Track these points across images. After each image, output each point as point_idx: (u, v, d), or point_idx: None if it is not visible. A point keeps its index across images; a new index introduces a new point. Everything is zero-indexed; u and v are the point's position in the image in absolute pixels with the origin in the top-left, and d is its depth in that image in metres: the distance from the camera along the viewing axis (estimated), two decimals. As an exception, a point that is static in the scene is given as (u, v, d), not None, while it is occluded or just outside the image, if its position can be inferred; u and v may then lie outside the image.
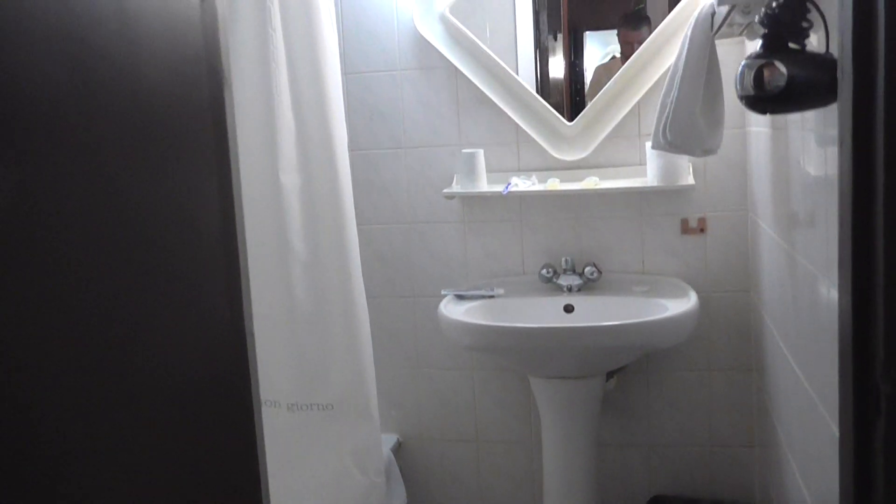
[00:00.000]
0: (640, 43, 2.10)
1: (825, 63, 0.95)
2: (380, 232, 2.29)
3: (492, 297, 2.13)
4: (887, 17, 0.64)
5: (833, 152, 1.17)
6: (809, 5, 0.94)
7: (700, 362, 2.17)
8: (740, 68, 0.98)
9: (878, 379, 0.67)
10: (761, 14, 0.97)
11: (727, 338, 2.14)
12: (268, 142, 1.76)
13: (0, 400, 0.50)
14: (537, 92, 2.18)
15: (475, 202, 2.22)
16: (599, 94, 2.11)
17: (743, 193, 2.06)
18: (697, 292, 1.98)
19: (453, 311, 2.01)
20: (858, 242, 0.69)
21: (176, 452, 0.76)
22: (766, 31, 0.96)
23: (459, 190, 2.15)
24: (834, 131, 1.10)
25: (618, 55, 2.20)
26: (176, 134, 0.72)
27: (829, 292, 1.19)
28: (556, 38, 2.36)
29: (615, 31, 2.23)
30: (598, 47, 2.32)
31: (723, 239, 2.10)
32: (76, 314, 0.58)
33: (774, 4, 0.96)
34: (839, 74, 0.72)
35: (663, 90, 1.66)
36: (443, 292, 2.15)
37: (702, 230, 2.11)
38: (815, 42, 0.98)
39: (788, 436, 1.62)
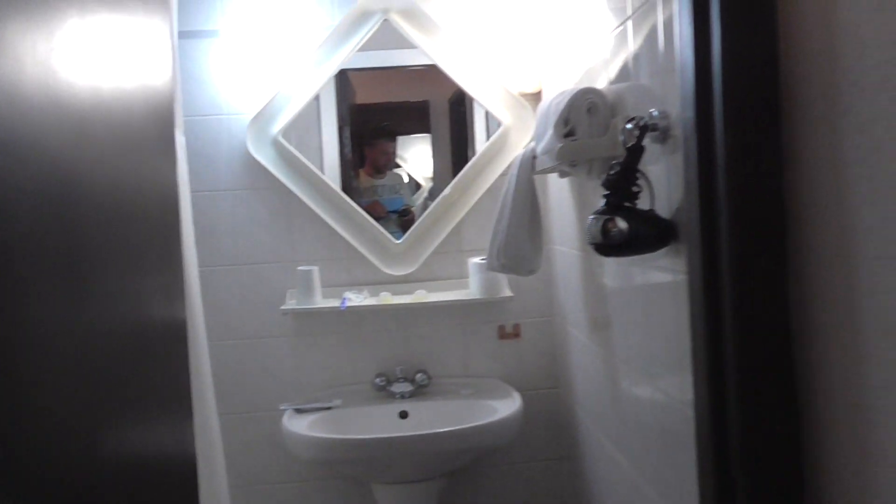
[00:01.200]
0: (393, 153, 2.48)
1: (651, 219, 1.22)
2: (211, 349, 2.27)
3: (329, 408, 2.20)
4: (727, 192, 0.89)
5: (637, 272, 1.46)
6: (639, 174, 1.21)
7: (520, 455, 2.39)
8: (589, 221, 1.22)
9: (735, 473, 0.88)
10: (603, 179, 1.22)
11: (542, 431, 2.39)
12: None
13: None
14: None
15: (309, 316, 2.30)
16: (424, 215, 2.33)
17: (550, 302, 2.36)
18: (515, 391, 2.22)
19: (297, 425, 2.06)
20: (711, 356, 0.92)
21: None
22: (608, 192, 1.21)
23: (296, 306, 2.23)
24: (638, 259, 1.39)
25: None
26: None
27: (653, 389, 1.45)
28: (353, 151, 2.57)
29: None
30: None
31: (535, 342, 2.38)
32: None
33: (613, 172, 1.22)
34: (689, 235, 0.96)
35: (495, 219, 1.90)
36: (281, 406, 2.19)
37: (516, 335, 2.37)
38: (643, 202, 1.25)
39: (612, 516, 1.86)
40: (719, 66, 0.85)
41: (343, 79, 2.43)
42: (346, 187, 2.38)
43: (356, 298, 2.25)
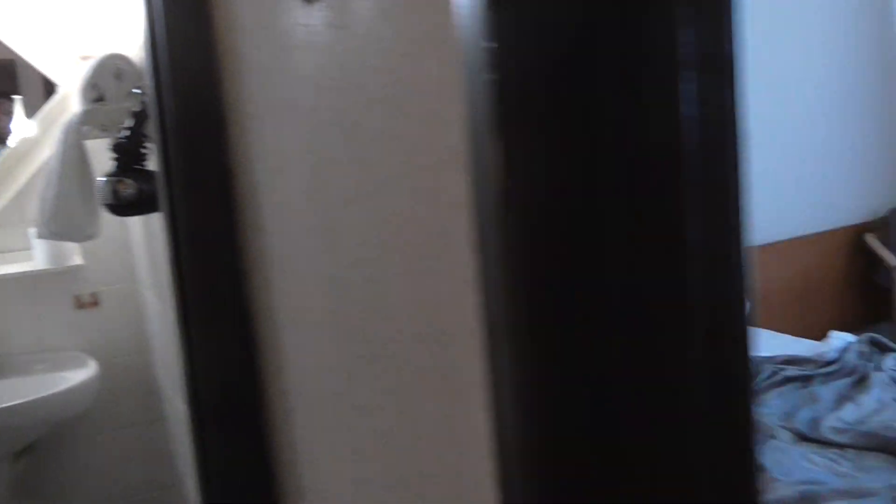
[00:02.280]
0: (8, 114, 2.29)
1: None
2: None
3: None
4: (183, 164, 1.00)
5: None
6: (147, 138, 1.29)
7: (109, 424, 2.36)
8: (102, 182, 1.27)
9: (200, 399, 1.03)
10: (112, 142, 1.28)
11: (133, 397, 2.38)
12: None
13: None
14: None
15: None
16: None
17: (130, 268, 2.35)
18: (99, 360, 2.18)
19: None
20: (181, 304, 1.05)
21: None
22: (117, 155, 1.27)
23: None
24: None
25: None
26: None
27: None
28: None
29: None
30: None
31: (117, 310, 2.35)
32: None
33: (121, 135, 1.28)
34: (160, 194, 1.07)
35: (42, 185, 1.84)
36: None
37: (94, 304, 2.32)
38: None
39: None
40: (164, 40, 0.96)
41: None
42: None
43: None
